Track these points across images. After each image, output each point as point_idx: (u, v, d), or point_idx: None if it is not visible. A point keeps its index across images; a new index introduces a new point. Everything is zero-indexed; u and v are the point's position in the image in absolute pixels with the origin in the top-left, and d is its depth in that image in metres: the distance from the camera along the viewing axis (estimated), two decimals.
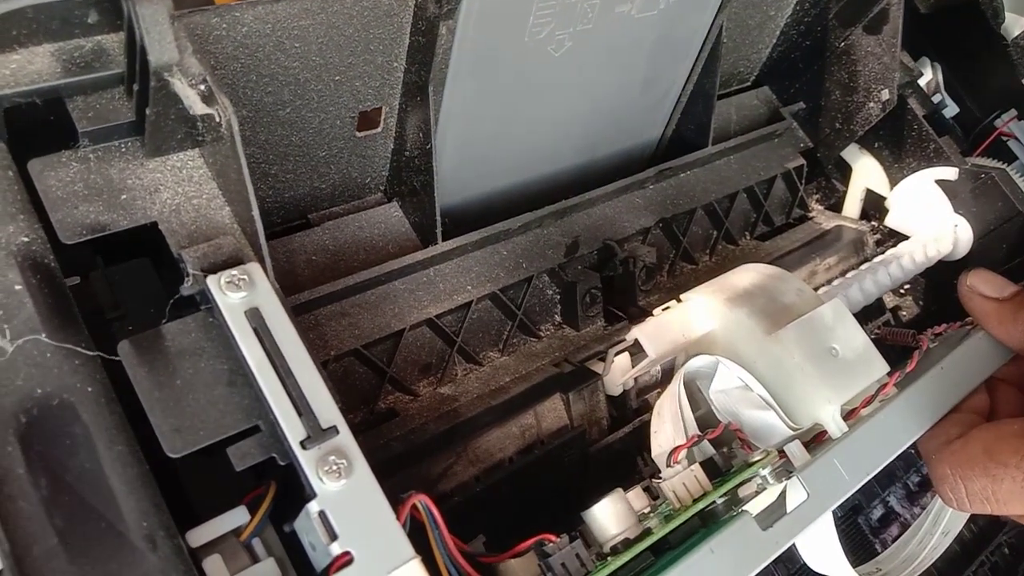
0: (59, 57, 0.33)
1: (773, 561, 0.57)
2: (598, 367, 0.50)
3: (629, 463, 0.48)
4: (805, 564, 0.56)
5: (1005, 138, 0.70)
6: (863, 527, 0.62)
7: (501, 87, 0.48)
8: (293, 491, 0.32)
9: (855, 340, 0.46)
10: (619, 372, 0.48)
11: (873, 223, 0.67)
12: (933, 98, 0.67)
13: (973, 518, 0.64)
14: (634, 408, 0.51)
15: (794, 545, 0.46)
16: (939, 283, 0.64)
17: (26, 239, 0.31)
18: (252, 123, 0.41)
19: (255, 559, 0.32)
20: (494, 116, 0.49)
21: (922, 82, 0.68)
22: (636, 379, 0.51)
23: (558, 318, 0.55)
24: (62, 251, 0.33)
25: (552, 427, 0.47)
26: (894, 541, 0.59)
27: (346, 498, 0.30)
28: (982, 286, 0.50)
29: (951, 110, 0.68)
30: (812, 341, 0.45)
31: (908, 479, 0.66)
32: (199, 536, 0.32)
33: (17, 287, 0.30)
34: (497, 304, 0.51)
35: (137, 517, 0.29)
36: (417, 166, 0.47)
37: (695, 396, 0.47)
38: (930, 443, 0.45)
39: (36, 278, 0.31)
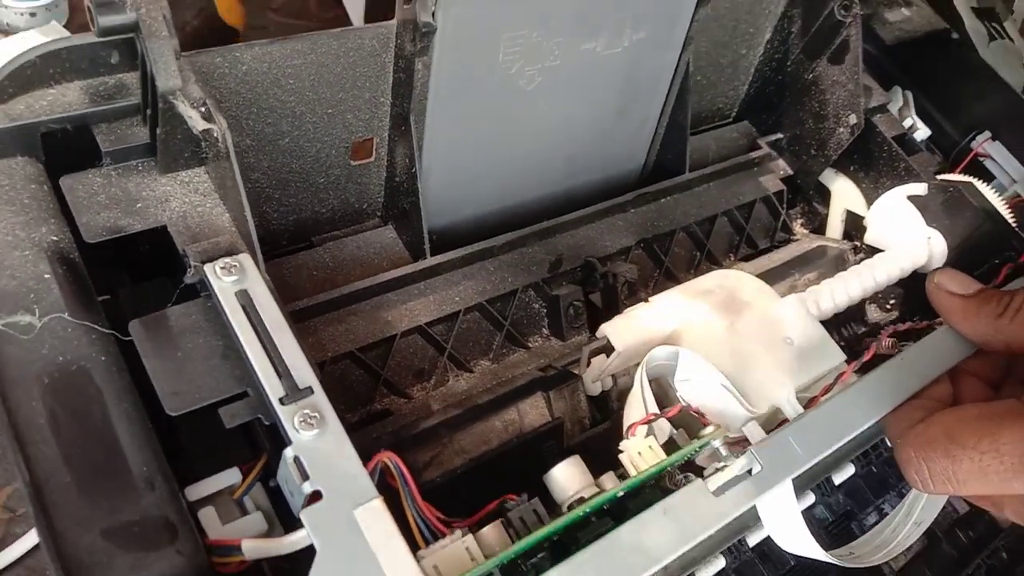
0: (87, 91, 0.39)
1: (762, 561, 0.60)
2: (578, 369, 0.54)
3: (608, 457, 0.51)
4: (795, 565, 0.59)
5: (982, 158, 0.74)
6: (855, 532, 0.63)
7: (479, 118, 0.53)
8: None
9: (810, 331, 0.49)
10: (596, 371, 0.52)
11: (856, 242, 0.71)
12: (904, 123, 0.71)
13: (968, 524, 0.65)
14: (615, 409, 0.55)
15: (771, 538, 0.49)
16: (914, 294, 0.66)
17: (55, 238, 0.38)
18: (255, 151, 0.47)
19: (245, 512, 0.37)
20: (475, 144, 0.54)
21: (893, 109, 0.72)
22: (616, 381, 0.55)
23: (546, 330, 0.59)
24: (96, 271, 0.40)
25: (534, 423, 0.51)
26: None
27: (318, 446, 0.34)
28: (948, 283, 0.52)
29: (923, 133, 0.72)
30: (768, 332, 0.48)
31: (902, 487, 0.67)
32: (196, 491, 0.37)
33: (46, 276, 0.36)
34: (485, 315, 0.56)
35: (139, 463, 0.33)
36: (406, 189, 0.53)
37: (667, 393, 0.51)
38: (895, 427, 0.48)
39: (62, 269, 0.37)
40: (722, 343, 0.48)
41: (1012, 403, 0.42)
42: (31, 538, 0.46)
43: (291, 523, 0.36)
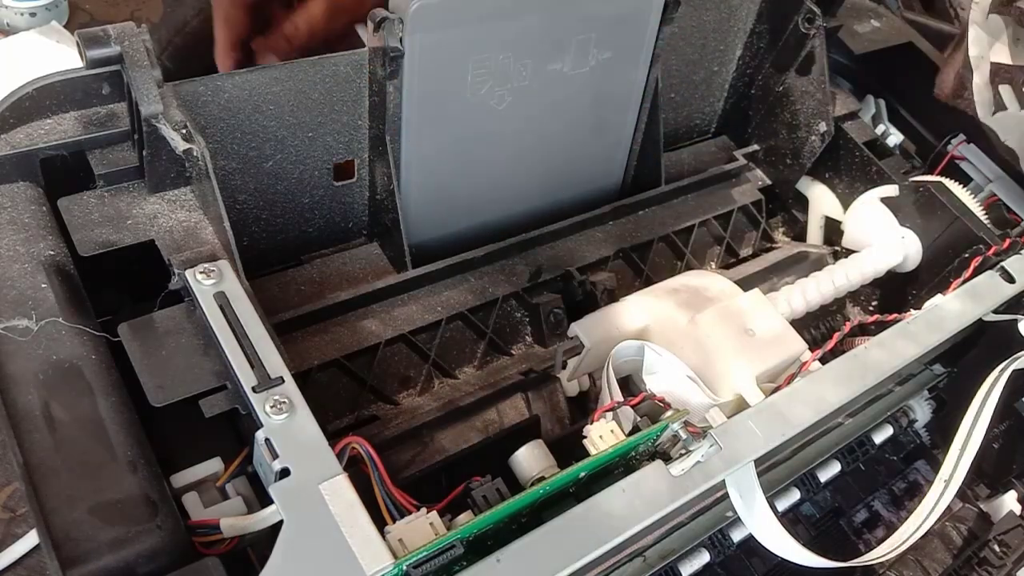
0: (81, 120, 0.43)
1: (748, 556, 0.61)
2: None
3: (584, 453, 0.53)
4: (781, 561, 0.60)
5: (958, 160, 0.75)
6: (844, 528, 0.64)
7: (454, 137, 0.57)
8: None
9: (771, 322, 0.51)
10: (571, 370, 0.55)
11: (835, 247, 0.73)
12: (877, 129, 0.74)
13: (959, 519, 0.66)
14: (593, 409, 0.57)
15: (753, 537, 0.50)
16: (895, 294, 0.68)
17: (52, 252, 0.41)
18: (241, 173, 0.51)
19: (226, 498, 0.40)
20: (451, 162, 0.58)
21: (866, 117, 0.74)
22: (595, 383, 0.57)
23: (529, 338, 0.61)
24: (99, 294, 0.43)
25: (513, 421, 0.54)
26: (879, 543, 0.62)
27: (287, 429, 0.37)
28: None
29: (895, 138, 0.74)
30: (729, 324, 0.50)
31: (894, 484, 0.68)
32: (181, 479, 0.40)
33: (43, 285, 0.40)
34: (468, 324, 0.59)
35: (124, 449, 0.36)
36: (386, 207, 0.56)
37: (639, 389, 0.53)
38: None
39: (58, 279, 0.41)
40: (686, 336, 0.50)
41: None
42: (31, 538, 0.48)
43: (267, 505, 0.39)
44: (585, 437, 0.44)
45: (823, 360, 0.52)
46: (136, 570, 0.34)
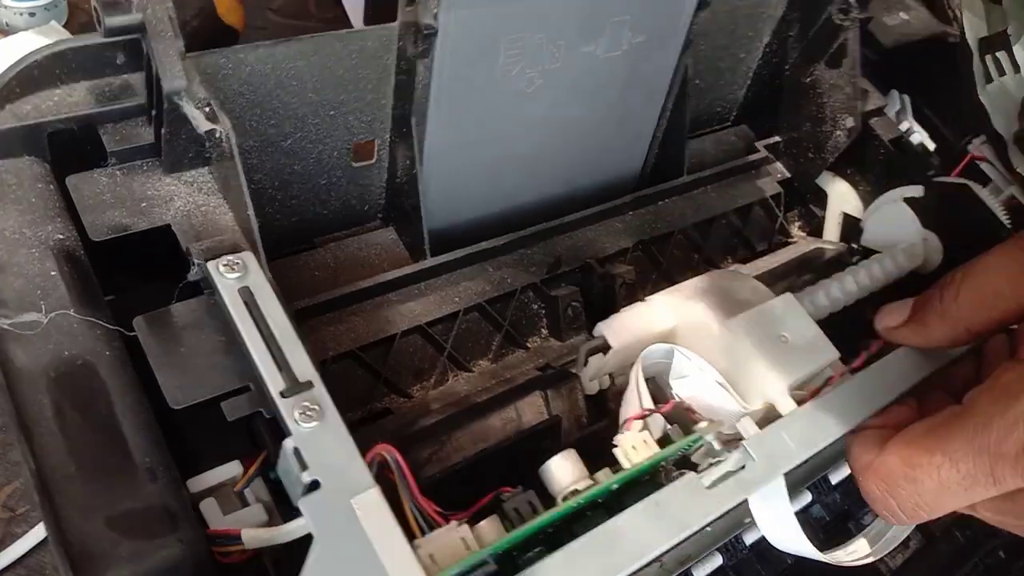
0: (93, 91, 0.40)
1: (760, 560, 0.60)
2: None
3: (605, 455, 0.51)
4: (792, 564, 0.59)
5: (978, 161, 0.74)
6: (853, 532, 0.64)
7: (480, 120, 0.54)
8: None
9: (805, 329, 0.50)
10: (593, 370, 0.53)
11: (853, 244, 0.71)
12: (901, 126, 0.72)
13: (965, 524, 0.65)
14: (612, 408, 0.55)
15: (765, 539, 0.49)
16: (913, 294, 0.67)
17: (61, 236, 0.38)
18: (259, 152, 0.48)
19: (246, 504, 0.38)
20: (475, 146, 0.55)
21: (891, 113, 0.73)
22: (614, 380, 0.55)
23: (544, 331, 0.60)
24: (107, 272, 0.40)
25: (532, 420, 0.52)
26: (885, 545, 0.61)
27: (317, 437, 0.35)
28: (887, 320, 0.50)
29: (918, 136, 0.73)
30: (762, 330, 0.49)
31: None
32: (199, 483, 0.37)
33: (52, 273, 0.37)
34: (485, 316, 0.57)
35: (142, 454, 0.34)
36: (407, 191, 0.53)
37: (664, 392, 0.51)
38: (853, 467, 0.46)
39: (68, 266, 0.38)
40: (717, 341, 0.49)
41: (951, 409, 0.41)
42: (31, 538, 0.47)
43: (290, 515, 0.37)
44: (615, 446, 0.43)
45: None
46: None
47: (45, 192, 0.39)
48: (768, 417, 0.49)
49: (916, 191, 0.66)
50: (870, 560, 0.53)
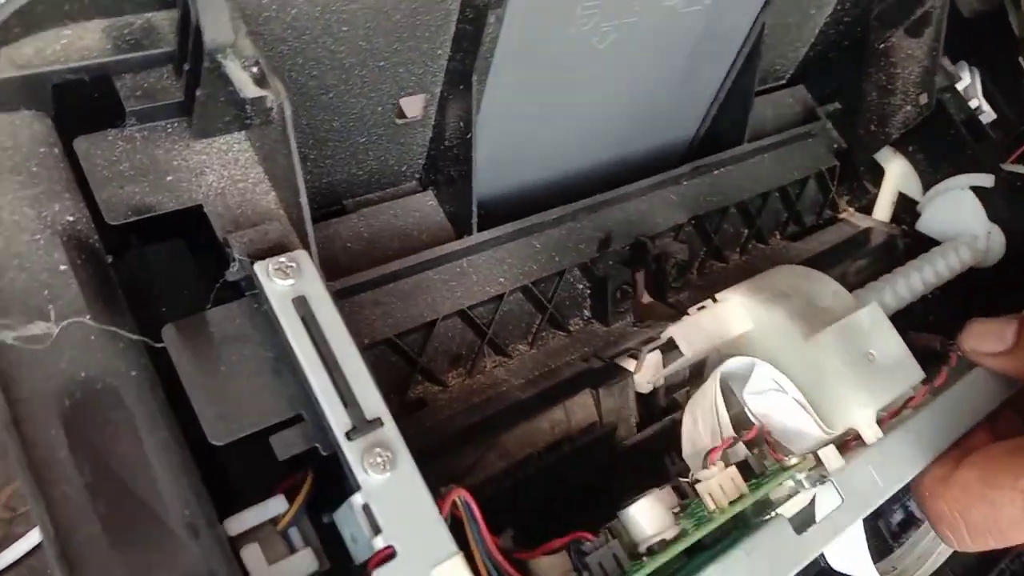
0: (109, 33, 0.32)
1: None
2: (627, 363, 0.50)
3: (657, 461, 0.47)
4: (823, 566, 0.56)
5: None
6: (883, 531, 0.62)
7: (543, 77, 0.47)
8: (329, 480, 0.32)
9: (892, 346, 0.45)
10: (651, 370, 0.48)
11: (904, 227, 0.67)
12: (970, 103, 0.66)
13: None
14: (662, 407, 0.51)
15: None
16: (967, 290, 0.63)
17: (71, 218, 0.31)
18: (295, 107, 0.39)
19: (292, 549, 0.32)
20: (534, 106, 0.48)
21: (960, 87, 0.67)
22: (665, 377, 0.50)
23: (587, 313, 0.54)
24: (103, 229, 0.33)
25: (582, 423, 0.47)
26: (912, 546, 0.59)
27: (390, 492, 0.29)
28: (981, 345, 0.46)
29: (988, 116, 0.67)
30: (850, 346, 0.44)
31: None
32: (237, 525, 0.31)
33: (62, 267, 0.30)
34: (529, 297, 0.51)
35: (179, 505, 0.28)
36: (455, 155, 0.47)
37: (728, 396, 0.47)
38: (923, 483, 0.43)
39: (81, 258, 0.31)
40: (801, 355, 0.44)
41: None
42: (32, 538, 0.42)
43: (340, 556, 0.32)
44: (699, 481, 0.38)
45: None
46: None
47: (49, 158, 0.32)
48: (845, 439, 0.45)
49: (986, 180, 0.61)
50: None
